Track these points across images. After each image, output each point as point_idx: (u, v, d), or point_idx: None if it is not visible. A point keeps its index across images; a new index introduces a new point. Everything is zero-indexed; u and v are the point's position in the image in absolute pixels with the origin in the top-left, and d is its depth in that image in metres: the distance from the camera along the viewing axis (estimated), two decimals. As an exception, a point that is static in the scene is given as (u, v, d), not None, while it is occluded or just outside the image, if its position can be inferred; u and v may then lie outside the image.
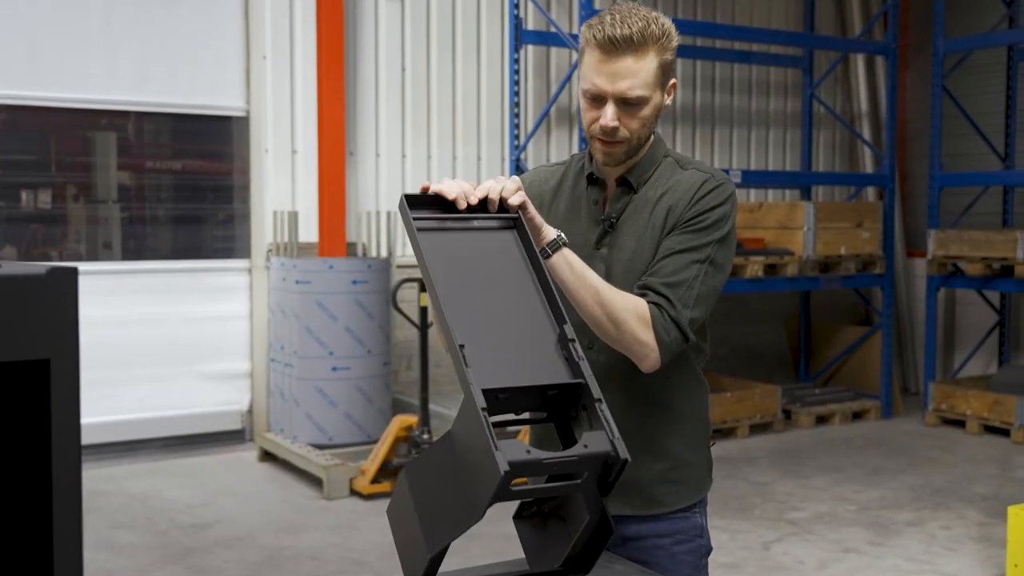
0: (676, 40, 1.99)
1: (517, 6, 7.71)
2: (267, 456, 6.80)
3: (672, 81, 2.02)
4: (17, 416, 1.19)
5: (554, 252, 1.88)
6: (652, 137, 2.06)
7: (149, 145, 7.40)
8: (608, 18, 1.95)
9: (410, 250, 7.61)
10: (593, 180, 2.09)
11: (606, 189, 2.09)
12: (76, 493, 1.22)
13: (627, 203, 2.06)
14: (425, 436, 5.92)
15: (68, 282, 1.19)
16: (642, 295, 1.94)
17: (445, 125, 7.81)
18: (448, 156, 7.83)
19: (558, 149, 8.32)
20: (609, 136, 1.97)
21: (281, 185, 7.23)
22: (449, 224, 1.76)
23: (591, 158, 2.10)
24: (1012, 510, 4.38)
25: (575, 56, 8.22)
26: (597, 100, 1.96)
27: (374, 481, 5.96)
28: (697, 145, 9.03)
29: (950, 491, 6.20)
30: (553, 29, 7.92)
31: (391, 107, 7.59)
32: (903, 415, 8.45)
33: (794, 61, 9.18)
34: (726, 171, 7.85)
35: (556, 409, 1.66)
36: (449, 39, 7.81)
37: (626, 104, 1.95)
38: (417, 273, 7.40)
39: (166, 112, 7.15)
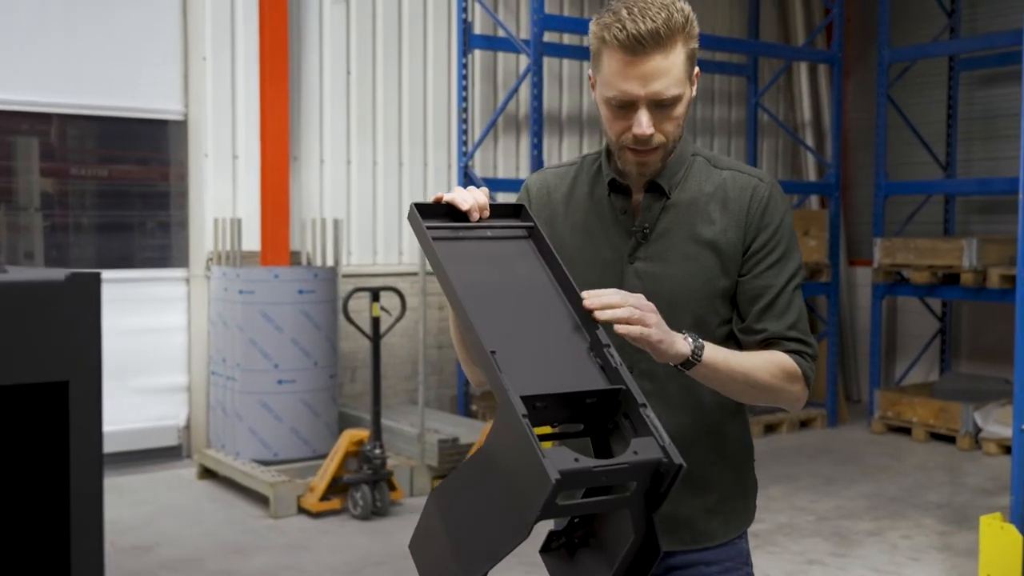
0: (697, 27, 1.80)
1: (465, 10, 7.56)
2: (207, 473, 6.52)
3: (696, 70, 1.82)
4: (32, 444, 1.02)
5: (697, 359, 1.70)
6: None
7: (76, 150, 7.08)
8: (624, 12, 1.73)
9: (356, 259, 7.44)
10: (616, 186, 1.90)
11: (632, 195, 1.90)
12: (97, 527, 1.04)
13: (660, 210, 1.88)
14: (377, 451, 5.72)
15: (90, 289, 1.01)
16: (771, 343, 1.83)
17: (391, 130, 7.63)
18: (394, 162, 7.65)
19: (506, 156, 8.19)
20: (644, 145, 1.79)
21: (221, 191, 6.97)
22: (463, 233, 1.67)
23: (607, 158, 1.92)
24: (984, 520, 4.36)
25: (523, 62, 8.11)
26: (626, 107, 1.77)
27: (323, 498, 5.75)
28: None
29: (904, 499, 6.20)
30: (502, 34, 7.80)
31: (336, 111, 7.39)
32: (848, 423, 8.49)
33: (738, 69, 9.19)
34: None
35: (592, 420, 1.53)
36: (395, 42, 7.63)
37: (659, 107, 1.77)
38: (367, 282, 7.20)
39: (98, 115, 6.84)
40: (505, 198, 7.88)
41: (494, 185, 7.70)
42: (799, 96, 9.60)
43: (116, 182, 7.07)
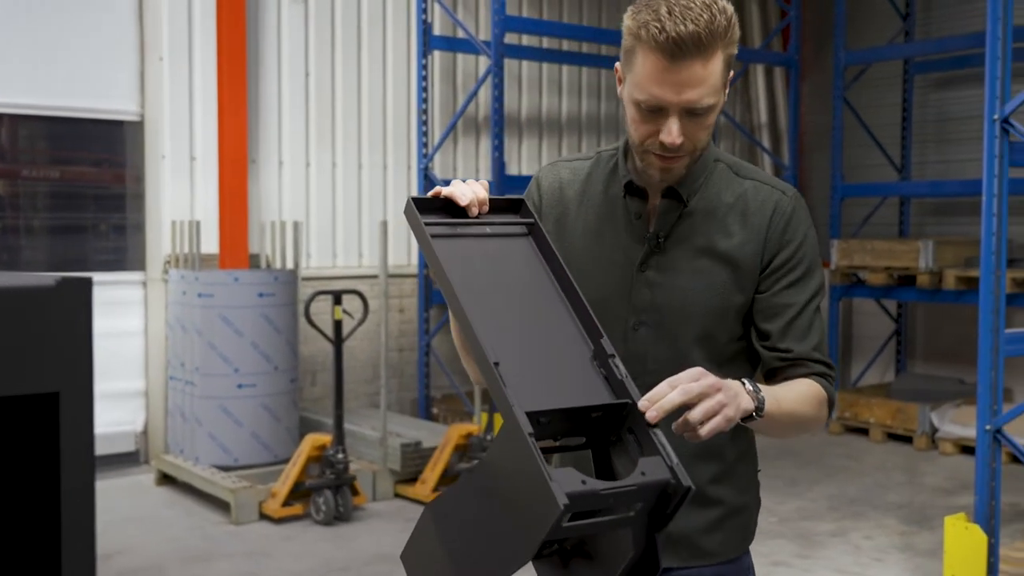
0: (739, 31, 1.67)
1: (425, 11, 7.51)
2: (166, 479, 6.41)
3: (731, 73, 1.70)
4: (20, 457, 0.97)
5: (760, 414, 1.60)
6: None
7: (28, 151, 6.93)
8: (664, 11, 1.59)
9: (316, 261, 7.36)
10: (632, 188, 1.79)
11: (648, 200, 1.80)
12: (89, 544, 1.00)
13: (676, 217, 1.78)
14: (340, 456, 5.65)
15: (81, 295, 0.96)
16: (795, 362, 1.76)
17: (350, 132, 7.56)
18: (354, 164, 7.58)
19: (465, 159, 8.15)
20: (671, 152, 1.68)
21: (179, 193, 6.86)
22: (460, 230, 1.60)
23: (625, 155, 1.82)
24: (948, 520, 4.40)
25: (482, 63, 8.07)
26: (656, 112, 1.65)
27: (285, 504, 5.67)
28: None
29: (865, 500, 6.25)
30: (461, 34, 7.76)
31: (295, 113, 7.30)
32: (807, 423, 8.54)
33: (697, 73, 9.22)
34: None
35: (596, 433, 1.49)
36: (354, 43, 7.56)
37: (691, 115, 1.65)
38: (328, 285, 7.13)
39: (50, 115, 6.69)
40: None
41: (455, 187, 7.65)
42: (756, 98, 9.66)
43: (70, 184, 6.93)
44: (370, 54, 7.62)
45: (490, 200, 1.63)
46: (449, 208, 1.61)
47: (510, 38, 7.61)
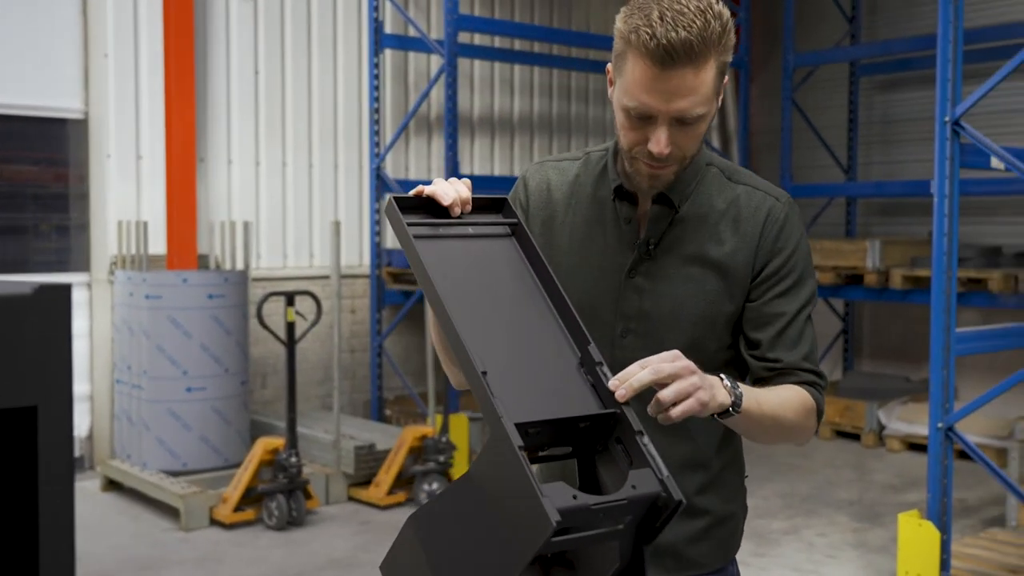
0: (734, 37, 1.62)
1: (376, 8, 7.45)
2: (112, 485, 6.28)
3: (725, 80, 1.64)
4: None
5: (736, 409, 1.55)
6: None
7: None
8: (656, 15, 1.53)
9: (266, 262, 7.26)
10: (622, 193, 1.74)
11: (638, 205, 1.75)
12: (69, 561, 0.96)
13: (667, 223, 1.73)
14: (293, 459, 5.57)
15: (60, 304, 0.91)
16: (783, 371, 1.72)
17: (301, 131, 7.47)
18: (304, 163, 7.49)
19: (417, 158, 8.10)
20: (658, 161, 1.64)
21: (125, 193, 6.72)
22: (442, 231, 1.55)
23: (614, 158, 1.77)
24: (902, 517, 4.45)
25: (434, 62, 8.03)
26: (644, 119, 1.60)
27: (237, 509, 5.58)
28: (553, 155, 8.98)
29: (817, 498, 6.31)
30: (413, 33, 7.71)
31: (244, 112, 7.19)
32: (757, 422, 8.62)
33: (647, 73, 9.26)
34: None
35: (582, 442, 1.46)
36: (304, 41, 7.47)
37: (681, 124, 1.60)
38: (278, 286, 7.04)
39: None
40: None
41: (406, 187, 7.60)
42: (706, 100, 9.71)
43: (11, 183, 6.75)
44: (320, 52, 7.53)
45: (473, 199, 1.58)
46: (431, 207, 1.56)
47: (462, 37, 7.58)
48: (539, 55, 8.54)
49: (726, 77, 1.66)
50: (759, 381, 1.74)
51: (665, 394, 1.43)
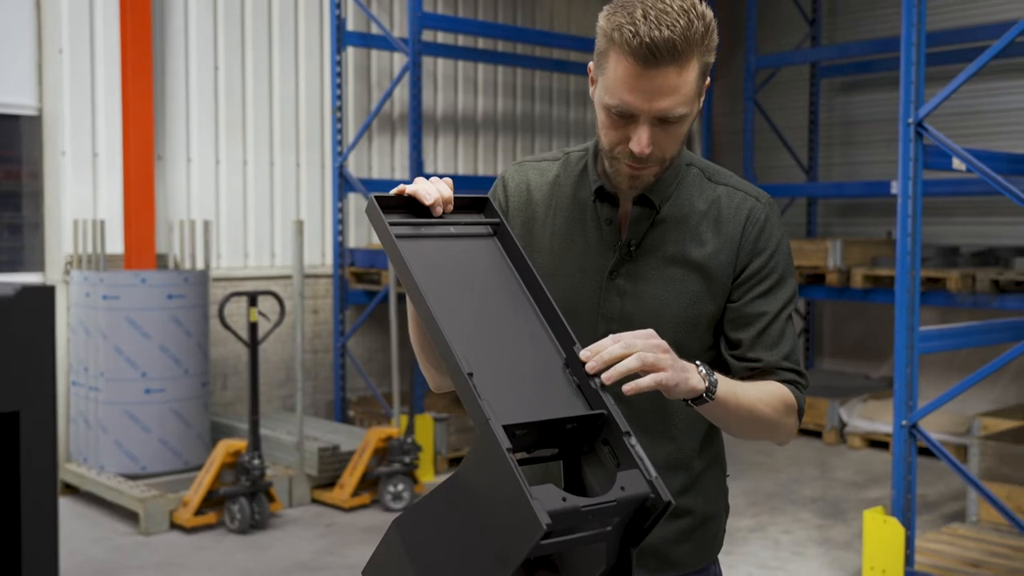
0: (717, 38, 1.61)
1: (338, 6, 7.38)
2: (68, 489, 6.16)
3: (707, 81, 1.64)
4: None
5: (711, 395, 1.54)
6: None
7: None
8: (640, 14, 1.52)
9: (226, 262, 7.15)
10: (603, 194, 1.73)
11: (619, 206, 1.74)
12: (52, 568, 0.91)
13: (648, 225, 1.72)
14: (256, 461, 5.50)
15: (44, 306, 0.87)
16: (764, 371, 1.71)
17: (262, 129, 7.37)
18: (265, 162, 7.39)
19: (380, 157, 8.03)
20: (639, 161, 1.62)
21: (81, 191, 6.58)
22: (424, 231, 1.54)
23: (595, 158, 1.75)
24: (867, 514, 4.48)
25: (396, 60, 7.97)
26: (626, 119, 1.59)
27: (198, 512, 5.49)
28: (518, 154, 8.96)
29: (781, 495, 6.35)
30: (375, 31, 7.65)
31: (203, 109, 7.08)
32: (719, 421, 8.66)
33: (609, 73, 9.26)
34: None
35: (568, 444, 1.44)
36: (265, 37, 7.38)
37: (663, 124, 1.59)
38: (239, 285, 6.95)
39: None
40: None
41: (369, 186, 7.54)
42: (668, 100, 9.74)
43: (-38, 181, 6.60)
44: (282, 49, 7.44)
45: (455, 199, 1.57)
46: (412, 207, 1.55)
47: (426, 35, 7.53)
48: (503, 54, 8.51)
49: (708, 79, 1.64)
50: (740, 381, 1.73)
51: (630, 361, 1.43)
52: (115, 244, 6.54)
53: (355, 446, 6.14)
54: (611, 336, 1.45)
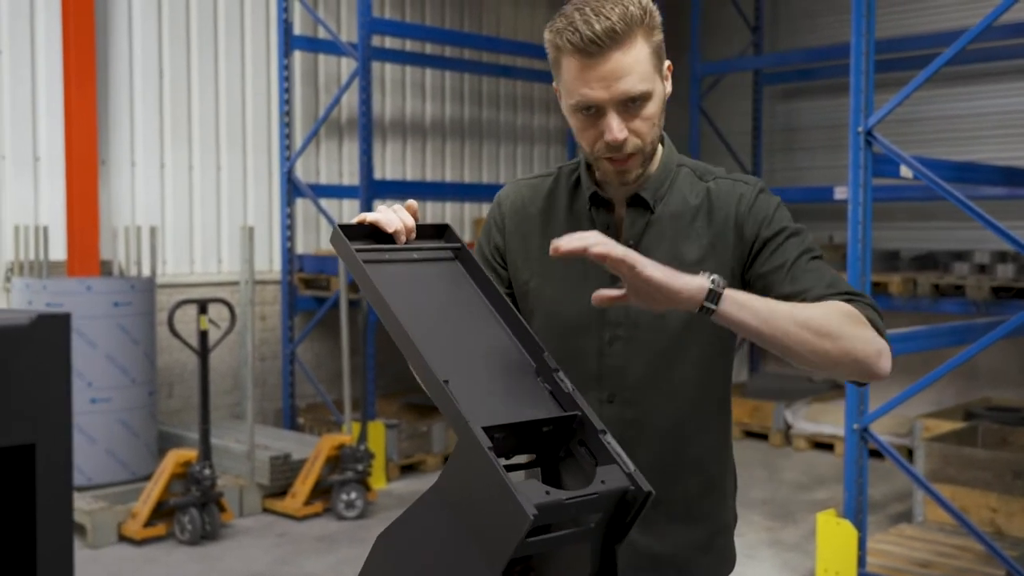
0: (659, 16, 1.67)
1: (285, 9, 7.31)
2: (10, 502, 6.01)
3: (667, 64, 1.69)
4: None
5: (719, 302, 1.48)
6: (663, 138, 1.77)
7: None
8: (577, 15, 1.61)
9: (172, 268, 7.04)
10: (598, 201, 1.77)
11: (615, 211, 1.77)
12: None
13: (644, 225, 1.75)
14: (207, 472, 5.41)
15: (59, 335, 0.85)
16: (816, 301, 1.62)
17: (208, 133, 7.27)
18: (212, 167, 7.29)
19: (328, 162, 7.97)
20: (619, 152, 1.66)
21: (22, 196, 6.44)
22: (389, 256, 1.58)
23: (588, 168, 1.79)
24: (820, 516, 4.54)
25: (344, 64, 7.92)
26: (593, 114, 1.65)
27: (147, 524, 5.39)
28: (466, 159, 8.95)
29: (730, 497, 6.41)
30: (323, 35, 7.59)
31: (148, 112, 6.96)
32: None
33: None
34: (497, 186, 7.82)
35: (545, 449, 1.48)
36: (211, 41, 7.28)
37: (628, 107, 1.63)
38: (185, 292, 6.85)
39: None
40: (328, 204, 7.67)
41: (317, 191, 7.48)
42: (614, 105, 9.81)
43: None
44: (228, 52, 7.35)
45: (416, 227, 1.61)
46: (375, 235, 1.59)
47: (374, 40, 7.49)
48: (450, 59, 8.49)
49: (668, 63, 1.69)
50: None
51: (593, 239, 1.45)
52: (58, 251, 6.41)
53: (306, 454, 6.08)
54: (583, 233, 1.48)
